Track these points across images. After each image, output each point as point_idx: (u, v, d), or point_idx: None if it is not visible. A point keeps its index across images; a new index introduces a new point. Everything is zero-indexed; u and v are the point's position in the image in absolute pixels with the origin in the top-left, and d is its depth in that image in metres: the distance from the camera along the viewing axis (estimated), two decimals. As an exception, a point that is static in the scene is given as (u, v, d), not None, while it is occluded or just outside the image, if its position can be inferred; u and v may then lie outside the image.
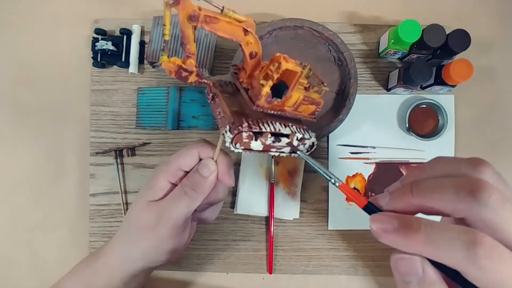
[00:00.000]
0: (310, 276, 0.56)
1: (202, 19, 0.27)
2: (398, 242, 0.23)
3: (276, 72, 0.29)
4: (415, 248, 0.22)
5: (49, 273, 0.56)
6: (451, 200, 0.22)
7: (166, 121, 0.55)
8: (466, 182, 0.23)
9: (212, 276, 0.56)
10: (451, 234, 0.21)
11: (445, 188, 0.23)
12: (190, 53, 0.29)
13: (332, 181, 0.30)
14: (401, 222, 0.23)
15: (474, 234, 0.21)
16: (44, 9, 0.58)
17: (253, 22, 0.29)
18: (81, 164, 0.57)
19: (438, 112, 0.55)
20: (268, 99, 0.30)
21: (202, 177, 0.36)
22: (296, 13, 0.53)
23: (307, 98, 0.31)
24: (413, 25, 0.48)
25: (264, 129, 0.31)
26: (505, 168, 0.56)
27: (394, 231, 0.23)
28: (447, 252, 0.21)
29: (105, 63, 0.56)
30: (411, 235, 0.22)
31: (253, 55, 0.30)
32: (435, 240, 0.21)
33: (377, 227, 0.24)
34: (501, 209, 0.21)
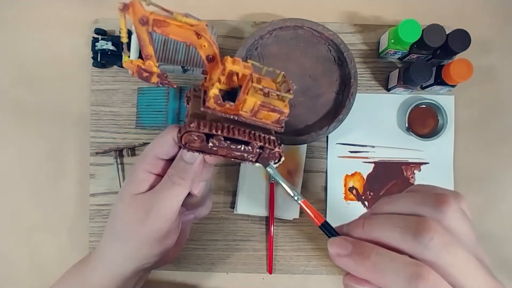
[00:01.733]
0: (310, 276, 0.56)
1: (152, 22, 0.29)
2: (350, 266, 0.25)
3: (222, 74, 0.29)
4: (364, 273, 0.24)
5: (49, 273, 0.56)
6: (396, 240, 0.24)
7: (166, 121, 0.55)
8: (413, 223, 0.24)
9: (212, 276, 0.56)
10: (397, 265, 0.23)
11: (393, 228, 0.24)
12: (148, 54, 0.31)
13: (295, 198, 0.31)
14: (355, 248, 0.25)
15: (419, 268, 0.22)
16: (44, 9, 0.58)
17: (205, 26, 0.30)
18: (81, 164, 0.57)
19: (437, 112, 0.55)
20: (218, 101, 0.29)
21: (187, 164, 0.34)
22: (296, 13, 0.53)
23: (265, 104, 0.30)
24: (413, 25, 0.48)
25: (215, 132, 0.30)
26: (505, 168, 0.56)
27: (346, 256, 0.25)
28: (392, 281, 0.23)
29: (105, 63, 0.56)
30: (361, 261, 0.24)
31: (209, 58, 0.30)
32: (382, 268, 0.23)
33: (333, 250, 0.26)
34: (443, 252, 0.22)
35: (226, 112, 0.30)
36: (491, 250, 0.55)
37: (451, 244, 0.23)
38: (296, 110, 0.53)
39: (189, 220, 0.41)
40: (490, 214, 0.56)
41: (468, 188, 0.56)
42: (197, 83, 0.57)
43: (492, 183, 0.56)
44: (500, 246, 0.55)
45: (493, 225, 0.56)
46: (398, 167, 0.56)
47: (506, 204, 0.56)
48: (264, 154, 0.33)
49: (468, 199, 0.59)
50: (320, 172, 0.56)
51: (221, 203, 0.56)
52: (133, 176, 0.36)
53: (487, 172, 0.56)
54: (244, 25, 0.57)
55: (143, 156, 0.36)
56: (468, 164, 0.56)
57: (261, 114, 0.31)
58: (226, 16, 0.58)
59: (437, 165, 0.56)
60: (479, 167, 0.56)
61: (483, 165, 0.56)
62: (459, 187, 0.56)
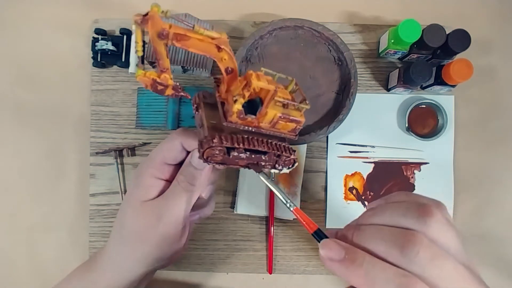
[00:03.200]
0: (310, 276, 0.56)
1: (172, 36, 0.27)
2: (341, 271, 0.25)
3: (247, 90, 0.29)
4: (354, 280, 0.24)
5: (49, 273, 0.56)
6: (384, 253, 0.24)
7: (166, 121, 0.55)
8: (399, 237, 0.24)
9: (212, 276, 0.56)
10: (388, 275, 0.23)
11: (380, 241, 0.25)
12: (164, 68, 0.30)
13: (288, 205, 0.31)
14: (348, 254, 0.25)
15: (408, 279, 0.22)
16: (44, 9, 0.58)
17: (226, 39, 0.29)
18: (81, 164, 0.57)
19: (437, 112, 0.55)
20: (241, 116, 0.29)
21: (196, 170, 0.35)
22: (296, 13, 0.53)
23: (284, 115, 0.30)
24: (413, 25, 0.48)
25: (237, 145, 0.30)
26: (505, 168, 0.56)
27: (338, 262, 0.25)
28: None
29: (105, 63, 0.56)
30: (353, 268, 0.24)
31: (228, 71, 0.30)
32: (373, 277, 0.23)
33: (325, 254, 0.26)
34: (430, 266, 0.23)
35: (248, 125, 0.30)
36: (491, 250, 0.55)
37: (437, 257, 0.23)
38: (296, 110, 0.53)
39: (194, 221, 0.41)
40: (490, 214, 0.56)
41: (468, 188, 0.56)
42: (196, 82, 0.57)
43: (492, 183, 0.56)
44: (500, 246, 0.55)
45: (493, 225, 0.56)
46: (398, 167, 0.56)
47: (506, 204, 0.56)
48: (279, 161, 0.33)
49: (468, 199, 0.59)
50: (320, 172, 0.56)
51: (221, 203, 0.56)
52: (140, 182, 0.36)
53: (487, 172, 0.56)
54: (244, 25, 0.57)
55: (150, 161, 0.36)
56: (468, 164, 0.56)
57: (279, 125, 0.31)
58: (226, 16, 0.58)
59: (437, 165, 0.56)
60: (479, 167, 0.56)
61: (483, 165, 0.56)
62: (459, 187, 0.56)
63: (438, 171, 0.56)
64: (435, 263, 0.23)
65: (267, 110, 0.29)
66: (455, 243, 0.25)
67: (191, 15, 0.52)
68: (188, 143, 0.35)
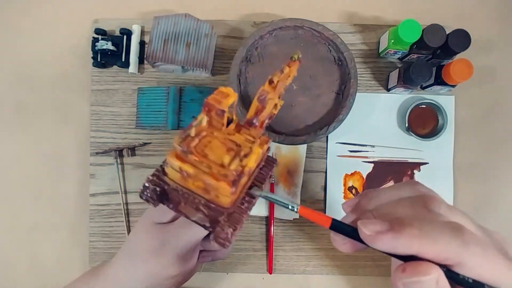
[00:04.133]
0: (310, 276, 0.56)
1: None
2: (394, 242, 0.22)
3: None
4: (411, 245, 0.22)
5: (49, 273, 0.56)
6: (408, 212, 0.24)
7: (166, 121, 0.55)
8: (419, 199, 0.25)
9: (212, 276, 0.56)
10: (439, 224, 0.22)
11: (404, 208, 0.25)
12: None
13: (290, 207, 0.28)
14: (392, 223, 0.23)
15: (456, 224, 0.22)
16: (44, 9, 0.58)
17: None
18: (81, 164, 0.57)
19: (438, 112, 0.55)
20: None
21: None
22: (296, 13, 0.53)
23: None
24: (413, 25, 0.48)
25: (239, 227, 0.29)
26: (504, 168, 0.56)
27: (388, 231, 0.22)
28: (442, 242, 0.21)
29: (105, 63, 0.56)
30: (407, 231, 0.22)
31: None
32: (429, 232, 0.21)
33: (371, 229, 0.23)
34: (452, 216, 0.24)
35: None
36: (491, 250, 0.55)
37: (454, 209, 0.25)
38: (296, 110, 0.53)
39: (205, 261, 0.41)
40: (489, 214, 0.56)
41: (467, 187, 0.56)
42: (196, 82, 0.57)
43: (492, 183, 0.56)
44: (500, 246, 0.55)
45: (492, 225, 0.55)
46: (397, 167, 0.56)
47: (505, 204, 0.56)
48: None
49: (467, 199, 0.59)
50: (320, 172, 0.56)
51: (221, 203, 0.56)
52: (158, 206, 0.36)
53: (487, 172, 0.56)
54: (244, 25, 0.57)
55: None
56: (467, 164, 0.56)
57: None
58: (226, 16, 0.58)
59: (437, 165, 0.56)
60: (479, 167, 0.56)
61: (483, 165, 0.56)
62: (459, 187, 0.56)
63: (437, 171, 0.56)
64: (455, 213, 0.24)
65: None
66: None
67: (191, 15, 0.52)
68: None
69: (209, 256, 0.40)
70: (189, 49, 0.52)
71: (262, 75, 0.53)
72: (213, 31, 0.53)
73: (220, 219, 0.29)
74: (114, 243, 0.56)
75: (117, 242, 0.56)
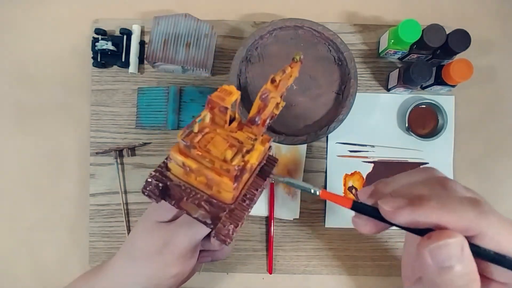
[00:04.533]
0: (310, 276, 0.56)
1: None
2: (415, 215, 0.23)
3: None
4: (432, 215, 0.22)
5: (49, 273, 0.56)
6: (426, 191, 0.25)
7: (166, 121, 0.55)
8: (435, 179, 0.26)
9: (212, 276, 0.56)
10: (456, 199, 0.23)
11: (421, 187, 0.25)
12: None
13: (312, 191, 0.29)
14: (410, 198, 0.24)
15: (474, 197, 0.23)
16: (44, 10, 0.58)
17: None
18: (81, 164, 0.57)
19: (438, 112, 0.55)
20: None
21: None
22: (296, 13, 0.53)
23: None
24: (413, 25, 0.48)
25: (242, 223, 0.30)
26: (504, 168, 0.56)
27: (408, 206, 0.23)
28: (460, 211, 0.22)
29: (105, 63, 0.56)
30: (425, 203, 0.23)
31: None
32: (447, 203, 0.22)
33: (391, 205, 0.24)
34: (467, 194, 0.24)
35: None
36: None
37: (470, 189, 0.25)
38: (296, 110, 0.53)
39: (204, 261, 0.41)
40: (490, 214, 0.56)
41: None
42: (196, 82, 0.57)
43: (492, 183, 0.56)
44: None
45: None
46: (397, 167, 0.56)
47: (505, 204, 0.56)
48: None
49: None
50: (320, 172, 0.56)
51: (221, 203, 0.56)
52: (160, 203, 0.35)
53: (487, 172, 0.56)
54: (244, 25, 0.57)
55: None
56: (467, 164, 0.56)
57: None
58: (226, 16, 0.58)
59: (437, 165, 0.55)
60: (479, 167, 0.56)
61: (483, 165, 0.56)
62: (459, 187, 0.56)
63: (438, 171, 0.56)
64: (471, 192, 0.25)
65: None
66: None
67: (191, 15, 0.52)
68: None
69: (209, 256, 0.40)
70: (189, 49, 0.52)
71: (262, 75, 0.53)
72: (213, 31, 0.53)
73: (221, 215, 0.29)
74: (114, 243, 0.56)
75: (117, 242, 0.56)
